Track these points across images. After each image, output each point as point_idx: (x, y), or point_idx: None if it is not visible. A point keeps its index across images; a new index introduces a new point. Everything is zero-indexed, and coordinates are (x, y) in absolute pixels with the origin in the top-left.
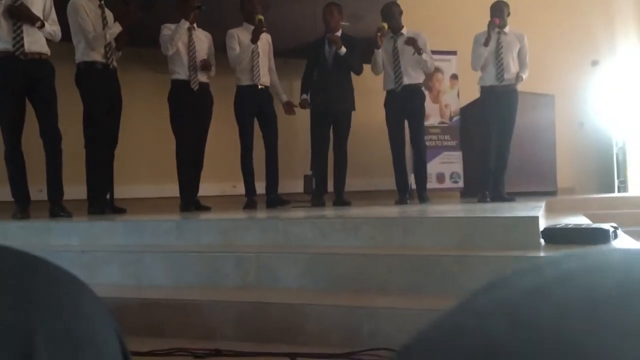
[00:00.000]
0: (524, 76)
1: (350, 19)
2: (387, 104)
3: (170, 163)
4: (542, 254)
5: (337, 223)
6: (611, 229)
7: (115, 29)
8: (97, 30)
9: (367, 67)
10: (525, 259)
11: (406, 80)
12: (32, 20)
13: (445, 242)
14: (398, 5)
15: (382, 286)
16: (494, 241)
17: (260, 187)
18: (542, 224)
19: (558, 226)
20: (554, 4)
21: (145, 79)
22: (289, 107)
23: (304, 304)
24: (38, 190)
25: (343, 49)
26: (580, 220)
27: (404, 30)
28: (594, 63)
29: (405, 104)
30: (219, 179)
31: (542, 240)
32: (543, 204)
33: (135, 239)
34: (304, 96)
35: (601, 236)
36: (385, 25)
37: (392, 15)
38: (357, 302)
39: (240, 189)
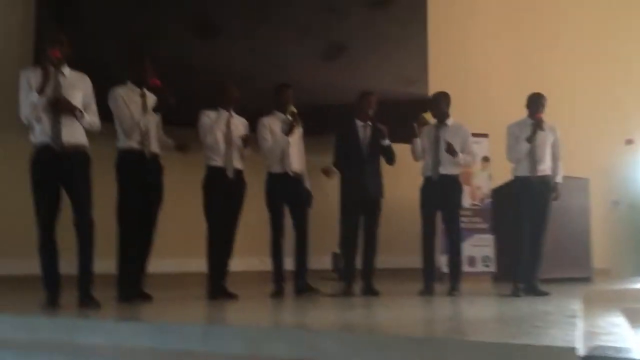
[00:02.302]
0: (559, 172)
1: None
2: (424, 191)
3: (195, 239)
4: None
5: (366, 340)
6: None
7: (150, 117)
8: (136, 117)
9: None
10: None
11: (442, 170)
12: (72, 111)
13: None
14: (447, 95)
15: None
16: None
17: (289, 263)
18: (580, 336)
19: (598, 354)
20: (585, 84)
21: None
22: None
23: None
24: (68, 264)
25: (387, 140)
26: (619, 321)
27: (449, 121)
28: (628, 142)
29: (442, 194)
30: (247, 254)
31: None
32: (579, 307)
33: (160, 342)
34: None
35: None
36: (427, 116)
37: (438, 104)
38: None
39: (268, 264)
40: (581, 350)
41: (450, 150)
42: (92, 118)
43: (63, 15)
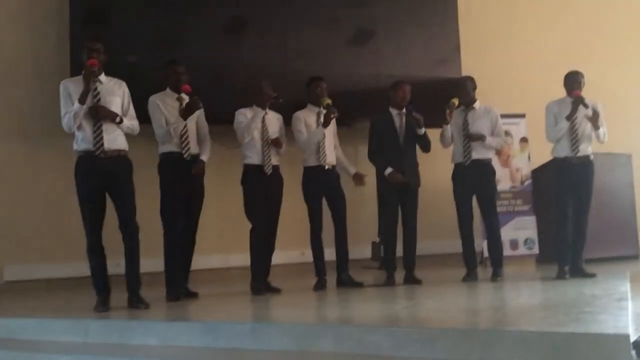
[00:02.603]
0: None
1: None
2: (455, 178)
3: (236, 234)
4: None
5: (413, 333)
6: None
7: (179, 123)
8: (172, 122)
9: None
10: None
11: (475, 155)
12: (112, 117)
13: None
14: (473, 80)
15: None
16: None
17: (328, 254)
18: (631, 322)
19: None
20: (626, 59)
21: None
22: (358, 179)
23: None
24: (116, 265)
25: (423, 129)
26: None
27: (477, 105)
28: None
29: (474, 179)
30: (287, 247)
31: (633, 354)
32: (628, 289)
33: (210, 341)
34: (390, 169)
35: None
36: (456, 101)
37: (465, 89)
38: None
39: (308, 256)
40: (632, 336)
41: (476, 138)
42: (131, 122)
43: (96, 23)
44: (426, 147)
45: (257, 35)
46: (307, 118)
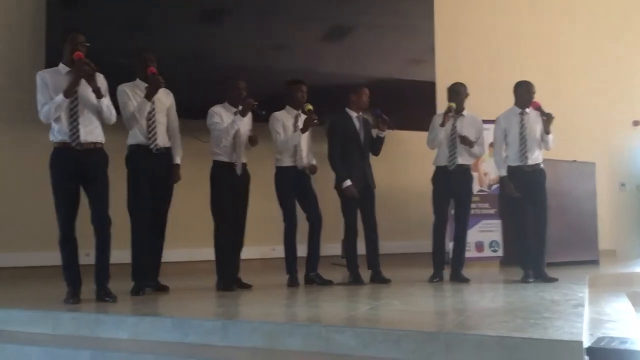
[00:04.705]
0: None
1: None
2: (437, 180)
3: (205, 226)
4: None
5: (379, 334)
6: None
7: (143, 104)
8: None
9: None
10: None
11: (460, 160)
12: (94, 82)
13: None
14: (465, 87)
15: None
16: None
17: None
18: (586, 329)
19: (604, 345)
20: (591, 66)
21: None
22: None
23: None
24: (85, 255)
25: (384, 132)
26: (624, 307)
27: (465, 112)
28: (636, 123)
29: (455, 184)
30: (258, 243)
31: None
32: (586, 294)
33: (180, 336)
34: (349, 182)
35: None
36: (454, 105)
37: (460, 95)
38: None
39: (279, 252)
40: (586, 342)
41: (467, 142)
42: (109, 104)
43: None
44: (379, 150)
45: (232, 28)
46: (285, 120)
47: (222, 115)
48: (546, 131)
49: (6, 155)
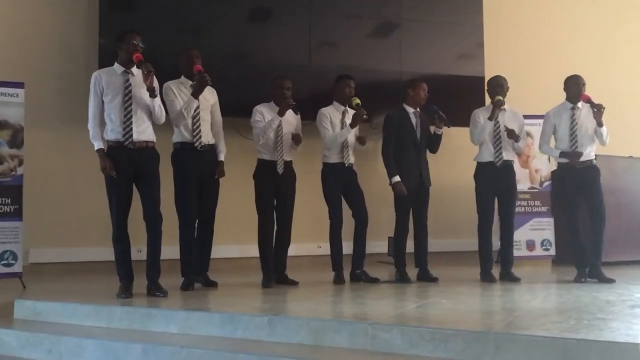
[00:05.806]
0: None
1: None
2: (480, 177)
3: (253, 223)
4: None
5: (426, 333)
6: None
7: (191, 102)
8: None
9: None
10: None
11: (505, 156)
12: (152, 87)
13: None
14: (506, 80)
15: None
16: None
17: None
18: None
19: None
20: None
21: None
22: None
23: None
24: (137, 250)
25: (442, 129)
26: None
27: (506, 107)
28: None
29: (500, 180)
30: (304, 240)
31: None
32: None
33: (228, 331)
34: (397, 178)
35: None
36: (502, 99)
37: (503, 88)
38: None
39: (325, 249)
40: None
41: (514, 136)
42: (161, 104)
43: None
44: (437, 148)
45: (280, 27)
46: (333, 116)
47: (264, 114)
48: (599, 123)
49: (61, 155)
